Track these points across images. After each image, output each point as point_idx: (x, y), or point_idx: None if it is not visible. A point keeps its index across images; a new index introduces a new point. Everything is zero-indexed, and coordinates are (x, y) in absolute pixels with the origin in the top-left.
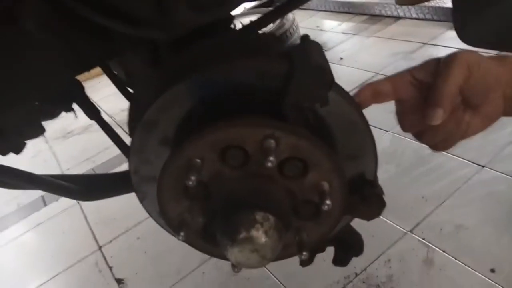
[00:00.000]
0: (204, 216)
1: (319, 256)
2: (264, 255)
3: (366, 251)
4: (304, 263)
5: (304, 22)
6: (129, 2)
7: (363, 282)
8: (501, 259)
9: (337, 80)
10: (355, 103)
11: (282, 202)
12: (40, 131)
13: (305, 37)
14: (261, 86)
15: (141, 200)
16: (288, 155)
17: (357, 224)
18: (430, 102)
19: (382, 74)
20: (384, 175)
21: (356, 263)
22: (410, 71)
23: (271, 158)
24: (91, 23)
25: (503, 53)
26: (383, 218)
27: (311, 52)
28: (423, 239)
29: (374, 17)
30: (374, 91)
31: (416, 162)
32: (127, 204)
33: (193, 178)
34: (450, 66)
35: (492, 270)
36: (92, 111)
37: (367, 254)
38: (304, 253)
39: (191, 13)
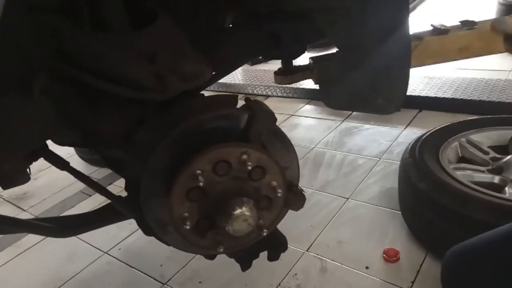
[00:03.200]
0: (198, 213)
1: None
2: (250, 223)
3: (277, 270)
4: (244, 264)
5: None
6: (136, 76)
7: None
8: (371, 259)
9: None
10: (285, 134)
11: (253, 194)
12: (27, 178)
13: (249, 98)
14: (235, 124)
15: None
16: (254, 164)
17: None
18: None
19: None
20: None
21: (273, 280)
22: None
23: (249, 163)
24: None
25: None
26: None
27: (261, 104)
28: (317, 254)
29: (248, 95)
30: None
31: None
32: None
33: (201, 179)
34: None
35: (367, 267)
36: (62, 163)
37: (279, 272)
38: (265, 230)
39: (180, 83)
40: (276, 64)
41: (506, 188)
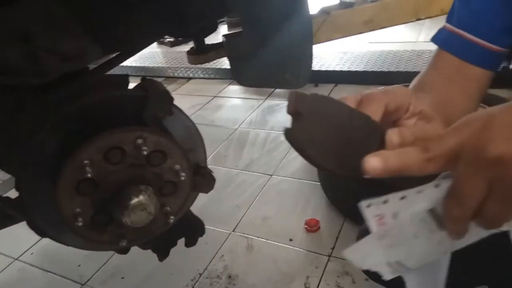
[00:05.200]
0: (93, 207)
1: (166, 267)
2: (150, 212)
3: (204, 254)
4: (161, 253)
5: None
6: (6, 58)
7: (207, 278)
8: (294, 231)
9: None
10: (186, 114)
11: (154, 180)
12: None
13: (144, 78)
14: (127, 107)
15: None
16: (152, 149)
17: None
18: None
19: None
20: (205, 196)
21: (199, 265)
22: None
23: (145, 148)
24: None
25: None
26: (212, 227)
27: (156, 84)
28: (243, 233)
29: (169, 78)
30: None
31: (227, 182)
32: None
33: (89, 170)
34: None
35: (291, 239)
36: None
37: (206, 256)
38: (172, 217)
39: (59, 63)
40: None
41: None
